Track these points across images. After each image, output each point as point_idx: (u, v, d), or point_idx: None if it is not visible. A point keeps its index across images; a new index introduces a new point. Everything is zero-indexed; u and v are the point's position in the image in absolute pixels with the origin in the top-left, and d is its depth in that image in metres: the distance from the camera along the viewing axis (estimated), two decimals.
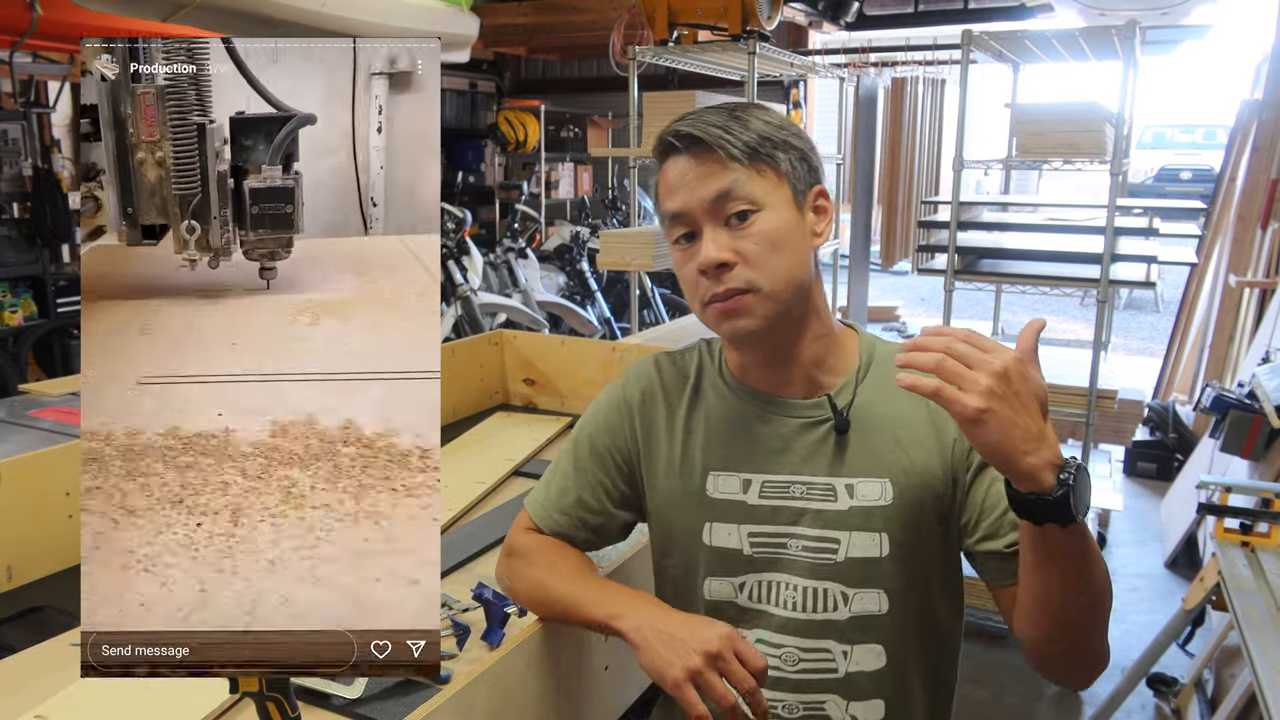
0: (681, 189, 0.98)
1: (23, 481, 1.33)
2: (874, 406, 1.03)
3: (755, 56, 2.86)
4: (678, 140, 0.98)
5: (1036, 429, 0.80)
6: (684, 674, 0.87)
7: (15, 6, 3.50)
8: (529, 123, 7.41)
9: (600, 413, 1.14)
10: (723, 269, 0.96)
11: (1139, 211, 3.35)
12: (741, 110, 1.00)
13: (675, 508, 1.07)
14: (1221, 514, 2.15)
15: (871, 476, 1.01)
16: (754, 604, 1.04)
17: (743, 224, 0.96)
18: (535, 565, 1.09)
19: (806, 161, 1.01)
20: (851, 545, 1.00)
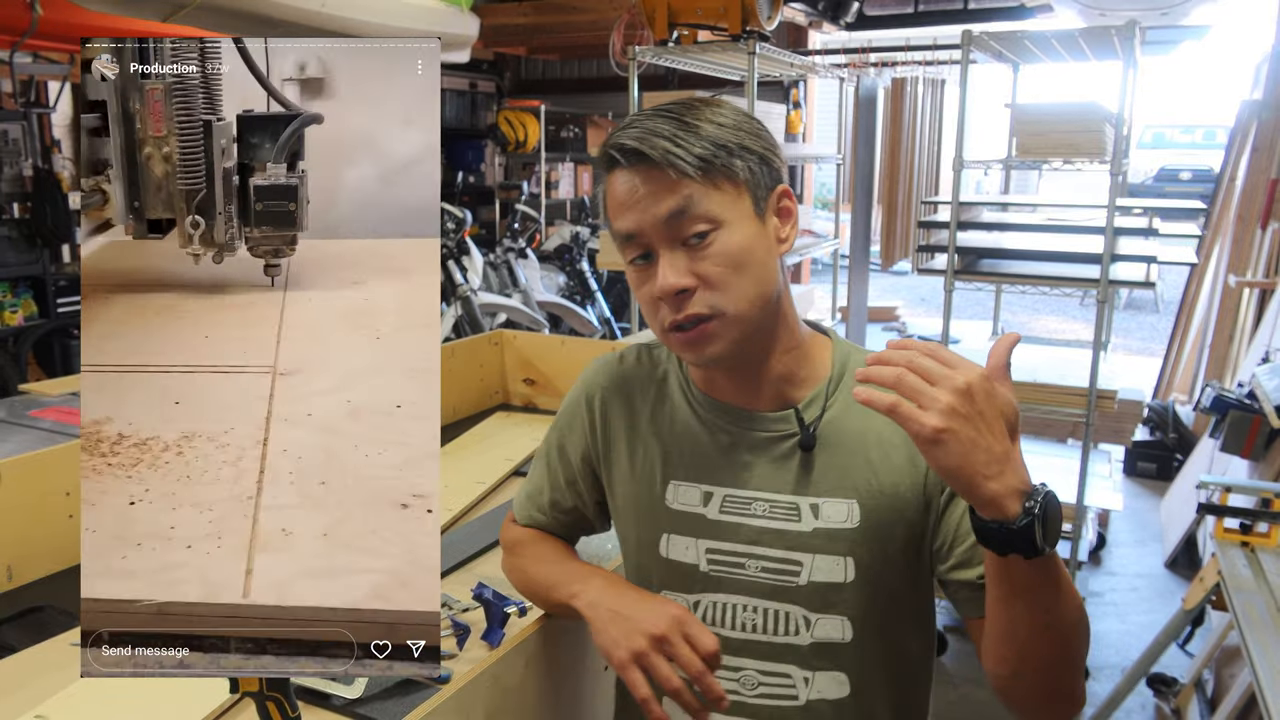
0: (632, 208, 0.89)
1: (23, 481, 1.33)
2: (844, 422, 0.96)
3: (755, 57, 2.86)
4: (622, 156, 0.89)
5: (1001, 451, 0.73)
6: (628, 655, 0.86)
7: (15, 6, 3.50)
8: (529, 123, 7.41)
9: (564, 413, 1.11)
10: (683, 295, 0.88)
11: (1139, 211, 3.35)
12: (691, 114, 0.90)
13: (632, 515, 1.04)
14: (1221, 514, 2.15)
15: (838, 497, 0.95)
16: (708, 625, 0.98)
17: (701, 244, 0.88)
18: (521, 556, 1.11)
19: (766, 163, 0.92)
20: (814, 569, 0.94)
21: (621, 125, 0.91)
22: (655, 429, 1.03)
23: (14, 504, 1.32)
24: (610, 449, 1.06)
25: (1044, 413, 2.79)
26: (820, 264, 8.46)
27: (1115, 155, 2.58)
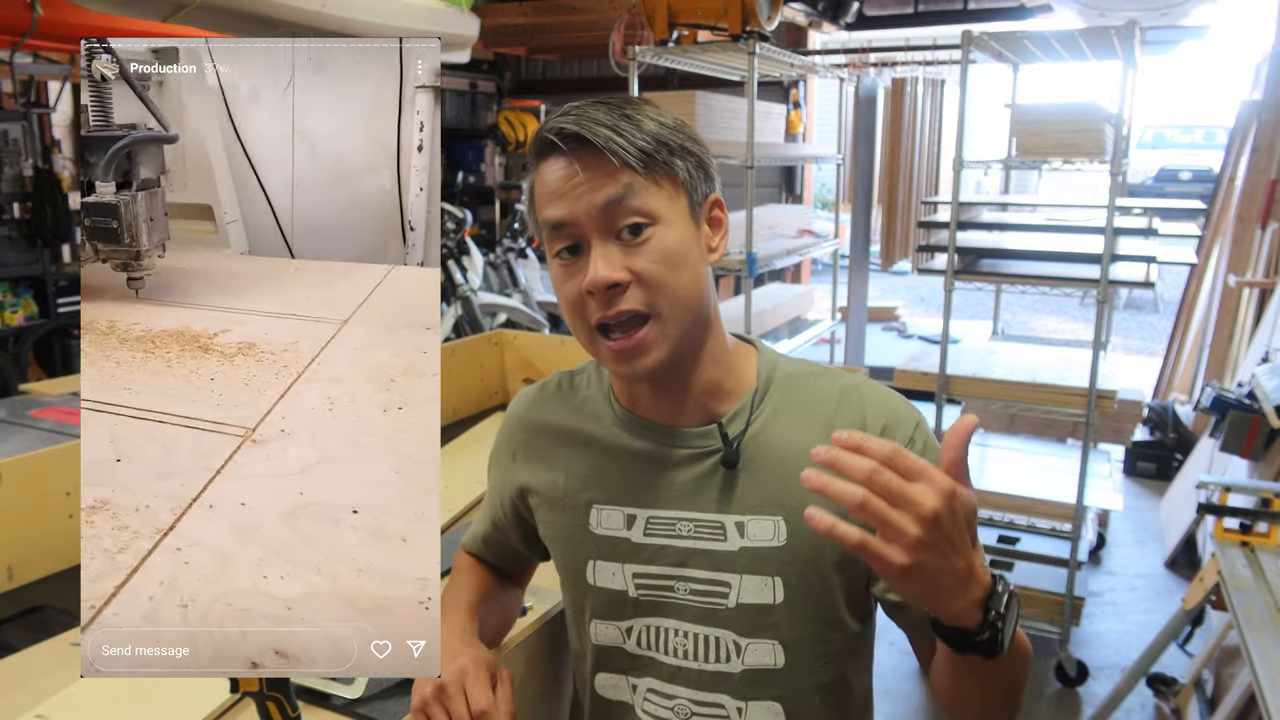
0: (565, 195, 0.85)
1: (23, 481, 1.34)
2: (770, 437, 0.92)
3: (755, 57, 2.86)
4: (560, 140, 0.85)
5: (964, 567, 0.70)
6: (417, 703, 0.86)
7: (15, 6, 3.50)
8: (529, 123, 7.41)
9: (492, 449, 1.10)
10: (614, 290, 0.84)
11: (1139, 212, 3.35)
12: (633, 108, 0.87)
13: (559, 543, 1.01)
14: (1221, 514, 2.15)
15: (763, 514, 0.90)
16: (643, 650, 0.96)
17: (636, 239, 0.85)
18: (448, 584, 1.09)
19: (704, 169, 0.90)
20: (743, 590, 0.91)
21: (558, 113, 0.87)
22: (576, 454, 0.99)
23: (14, 504, 1.32)
24: (532, 480, 1.02)
25: (1044, 413, 2.80)
26: (820, 264, 8.46)
27: (1115, 155, 2.58)
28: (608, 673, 1.00)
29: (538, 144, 0.88)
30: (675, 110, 0.95)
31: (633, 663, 0.97)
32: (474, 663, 0.87)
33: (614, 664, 0.99)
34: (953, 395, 2.89)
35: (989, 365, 2.95)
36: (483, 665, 0.88)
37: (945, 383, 2.84)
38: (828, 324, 4.02)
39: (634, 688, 0.98)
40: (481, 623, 1.00)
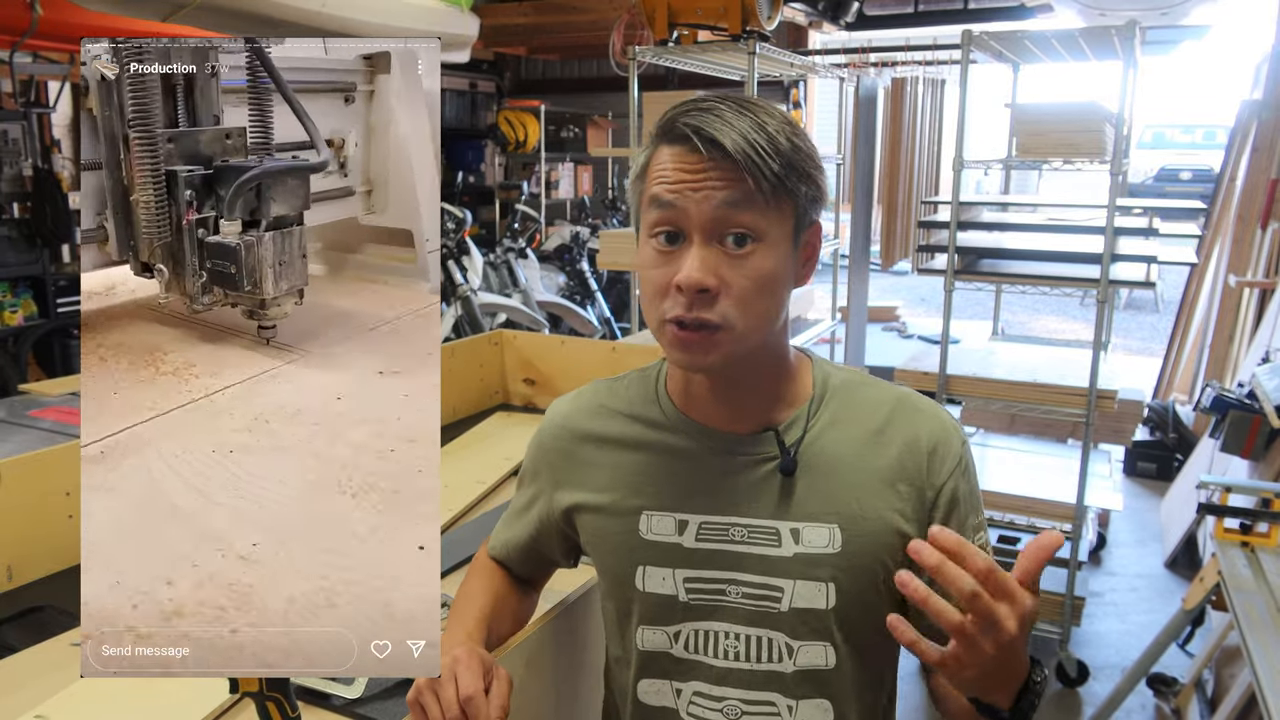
0: (684, 185, 0.85)
1: (23, 481, 1.33)
2: (826, 445, 0.94)
3: (755, 57, 2.86)
4: (699, 139, 0.84)
5: (1019, 668, 0.77)
6: (412, 695, 0.86)
7: (15, 6, 3.50)
8: (529, 123, 7.41)
9: (526, 456, 1.09)
10: (702, 294, 0.84)
11: (1139, 211, 3.34)
12: (770, 119, 0.86)
13: (606, 549, 1.00)
14: (1221, 514, 2.15)
15: (819, 522, 0.92)
16: (691, 654, 0.96)
17: (739, 250, 0.85)
18: (463, 583, 1.09)
19: (818, 197, 0.89)
20: (796, 595, 0.92)
21: (694, 103, 0.87)
22: (623, 460, 0.99)
23: (14, 504, 1.32)
24: (577, 499, 1.01)
25: (1044, 413, 2.80)
26: (820, 264, 8.41)
27: (1115, 155, 2.58)
28: (652, 678, 0.99)
29: (670, 128, 0.87)
30: None
31: (678, 667, 0.97)
32: (467, 653, 0.88)
33: (659, 669, 0.98)
34: (953, 395, 2.89)
35: (989, 365, 2.95)
36: (475, 656, 0.88)
37: (945, 383, 2.84)
38: (828, 324, 4.02)
39: (678, 692, 0.98)
40: (491, 632, 1.00)
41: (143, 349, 1.05)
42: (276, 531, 0.89)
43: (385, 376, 1.03)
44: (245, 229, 0.90)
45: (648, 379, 1.03)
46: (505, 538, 1.10)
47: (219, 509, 0.93)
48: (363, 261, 1.51)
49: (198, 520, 0.93)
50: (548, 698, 1.12)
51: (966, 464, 0.95)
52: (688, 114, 0.86)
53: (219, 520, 0.92)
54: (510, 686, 0.88)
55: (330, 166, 1.28)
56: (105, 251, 0.94)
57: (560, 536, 1.06)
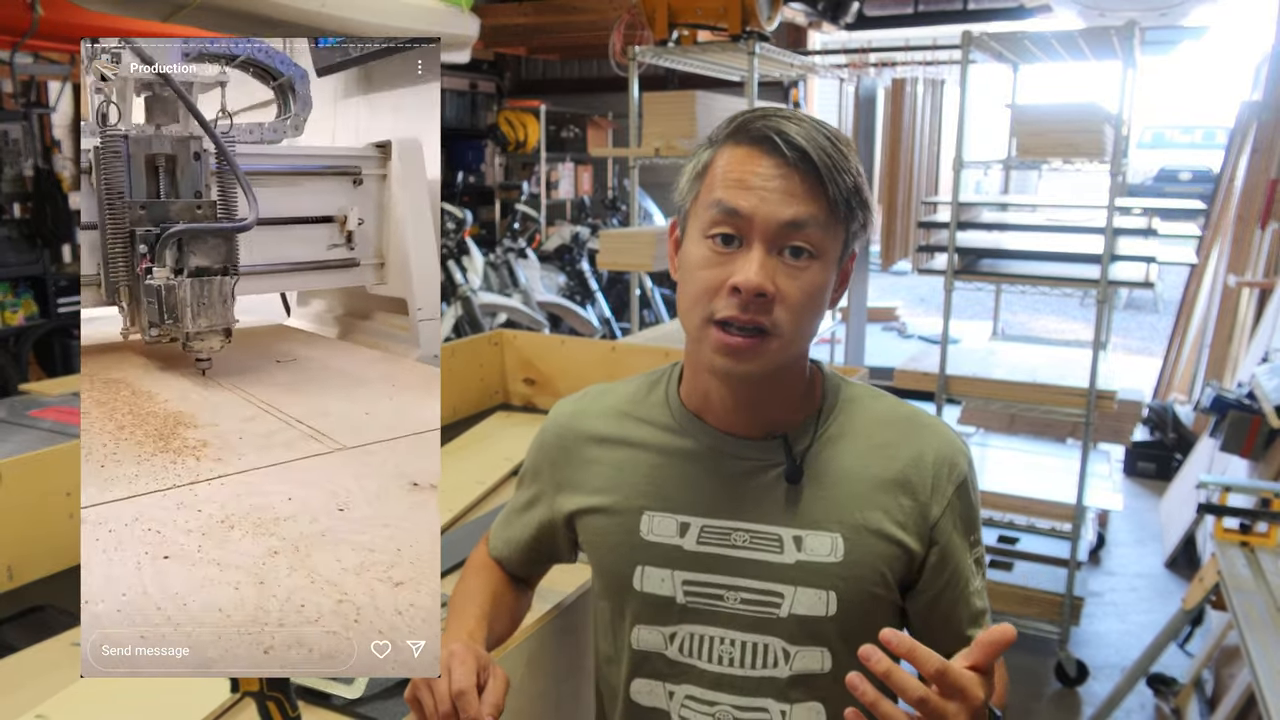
0: (756, 190, 0.85)
1: (23, 481, 1.33)
2: (832, 455, 0.95)
3: (755, 57, 2.86)
4: (784, 143, 0.85)
5: None
6: (409, 691, 0.86)
7: (16, 7, 3.50)
8: (529, 123, 7.41)
9: (528, 456, 1.10)
10: (759, 299, 0.85)
11: (1138, 212, 3.35)
12: (843, 145, 0.88)
13: (605, 548, 1.00)
14: (1221, 514, 2.15)
15: (822, 530, 0.93)
16: (685, 657, 0.97)
17: (797, 262, 0.86)
18: (460, 581, 1.09)
19: (864, 229, 0.92)
20: (796, 601, 0.92)
21: (773, 111, 0.88)
22: (625, 460, 1.00)
23: (14, 504, 1.32)
24: (580, 502, 1.02)
25: (1044, 413, 2.80)
26: None
27: (1115, 155, 2.58)
28: (645, 678, 1.00)
29: (746, 128, 0.87)
30: (676, 110, 0.96)
31: (672, 669, 0.98)
32: (463, 649, 0.87)
33: (652, 669, 0.99)
34: (953, 395, 2.89)
35: (989, 365, 2.95)
36: (470, 652, 0.87)
37: (945, 383, 2.84)
38: (828, 324, 4.02)
39: (671, 694, 0.98)
40: (490, 630, 1.00)
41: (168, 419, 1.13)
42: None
43: (419, 489, 1.07)
44: (173, 275, 1.10)
45: (656, 382, 1.04)
46: (506, 536, 1.10)
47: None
48: (369, 327, 1.71)
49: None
50: (548, 698, 1.13)
51: (970, 483, 0.96)
52: (766, 118, 0.86)
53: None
54: (506, 685, 0.88)
55: (335, 239, 1.52)
56: (98, 294, 1.13)
57: (563, 537, 1.07)
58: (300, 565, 0.88)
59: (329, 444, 1.09)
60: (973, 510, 0.97)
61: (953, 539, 0.94)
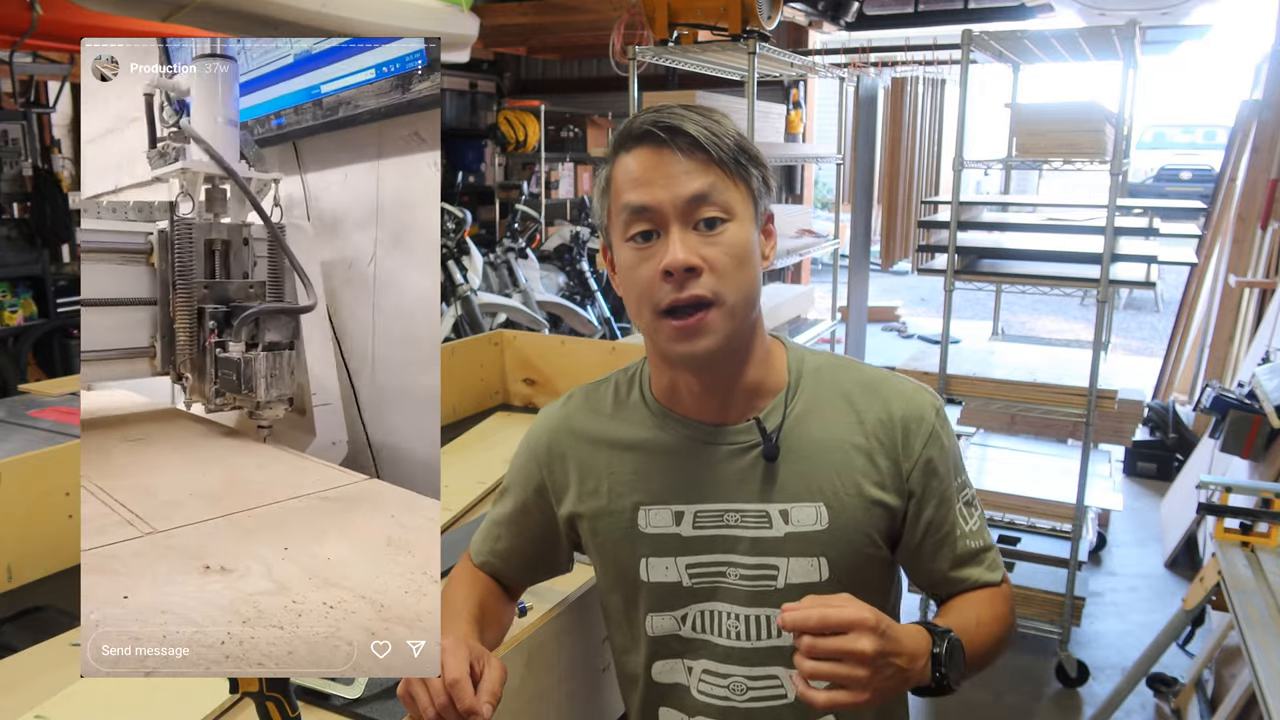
0: (653, 183, 0.91)
1: (23, 481, 1.33)
2: (804, 429, 1.00)
3: (755, 56, 2.86)
4: (659, 129, 0.91)
5: (906, 661, 0.83)
6: (401, 688, 0.87)
7: (15, 6, 3.50)
8: (529, 123, 7.40)
9: (515, 466, 1.11)
10: (688, 274, 0.90)
11: (1139, 211, 3.34)
12: (719, 115, 0.95)
13: (609, 546, 1.04)
14: (1221, 514, 2.15)
15: (805, 501, 0.98)
16: (697, 634, 1.02)
17: (713, 231, 0.91)
18: (449, 583, 1.10)
19: (767, 183, 0.97)
20: (790, 571, 0.98)
21: (649, 109, 0.94)
22: (615, 460, 1.03)
23: (14, 504, 1.32)
24: (576, 507, 1.05)
25: (1044, 413, 2.79)
26: (820, 264, 8.46)
27: (1115, 155, 2.58)
28: (664, 659, 1.04)
29: (628, 133, 0.94)
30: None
31: (687, 647, 1.02)
32: (454, 642, 0.88)
33: (669, 650, 1.03)
34: (953, 395, 2.89)
35: (989, 365, 2.95)
36: (462, 644, 0.88)
37: (945, 383, 2.84)
38: (828, 324, 4.02)
39: (689, 669, 1.03)
40: (481, 636, 0.99)
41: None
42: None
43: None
44: (247, 349, 1.19)
45: (631, 380, 1.07)
46: (498, 548, 1.11)
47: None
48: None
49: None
50: (548, 698, 1.12)
51: (938, 432, 1.01)
52: (647, 116, 0.93)
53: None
54: (503, 674, 0.88)
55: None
56: (152, 365, 1.22)
57: (564, 540, 1.08)
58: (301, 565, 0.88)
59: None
60: (948, 456, 1.01)
61: (929, 488, 0.99)
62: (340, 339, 1.39)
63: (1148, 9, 4.38)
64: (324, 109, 1.35)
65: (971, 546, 1.03)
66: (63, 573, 1.36)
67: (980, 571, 1.03)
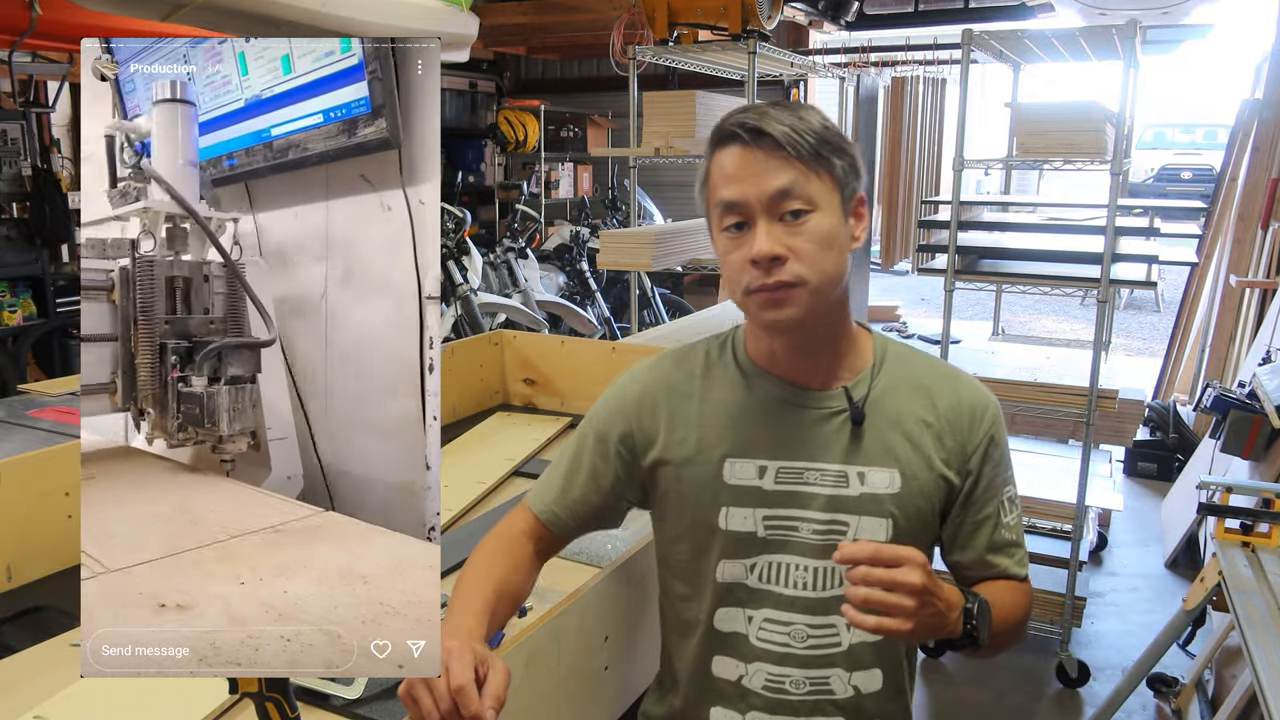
0: (741, 180, 1.00)
1: (23, 481, 1.33)
2: (886, 402, 1.10)
3: (755, 56, 2.85)
4: (744, 131, 1.00)
5: (944, 606, 0.93)
6: (403, 688, 0.86)
7: (15, 6, 3.50)
8: (529, 123, 7.41)
9: (603, 410, 1.17)
10: (775, 263, 0.99)
11: (1139, 211, 3.34)
12: (803, 110, 1.03)
13: (691, 493, 1.11)
14: (1222, 514, 2.15)
15: (881, 466, 1.07)
16: (762, 584, 1.09)
17: (797, 221, 1.00)
18: (469, 565, 1.10)
19: (854, 169, 1.04)
20: (860, 528, 1.07)
21: (738, 109, 1.03)
22: (705, 413, 1.12)
23: (14, 504, 1.32)
24: (658, 439, 1.12)
25: (1044, 413, 2.79)
26: None
27: (1116, 155, 2.58)
28: (727, 607, 1.12)
29: (722, 134, 1.03)
30: (675, 109, 1.03)
31: (751, 595, 1.11)
32: (460, 645, 0.88)
33: (734, 598, 1.11)
34: None
35: (989, 365, 2.95)
36: (468, 648, 0.88)
37: None
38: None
39: (749, 619, 1.11)
40: (491, 623, 1.00)
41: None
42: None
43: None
44: (210, 384, 1.20)
45: (724, 344, 1.17)
46: (564, 498, 1.15)
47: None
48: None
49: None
50: (548, 698, 1.12)
51: (999, 425, 1.14)
52: (735, 118, 1.02)
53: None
54: (508, 678, 0.88)
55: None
56: (113, 400, 1.21)
57: (634, 490, 1.16)
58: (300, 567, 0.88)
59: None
60: (1003, 454, 1.13)
61: (983, 472, 1.10)
62: (294, 374, 1.39)
63: (1148, 9, 4.38)
64: (274, 151, 1.36)
65: (1007, 538, 1.12)
66: (63, 573, 1.36)
67: (1010, 564, 1.13)
